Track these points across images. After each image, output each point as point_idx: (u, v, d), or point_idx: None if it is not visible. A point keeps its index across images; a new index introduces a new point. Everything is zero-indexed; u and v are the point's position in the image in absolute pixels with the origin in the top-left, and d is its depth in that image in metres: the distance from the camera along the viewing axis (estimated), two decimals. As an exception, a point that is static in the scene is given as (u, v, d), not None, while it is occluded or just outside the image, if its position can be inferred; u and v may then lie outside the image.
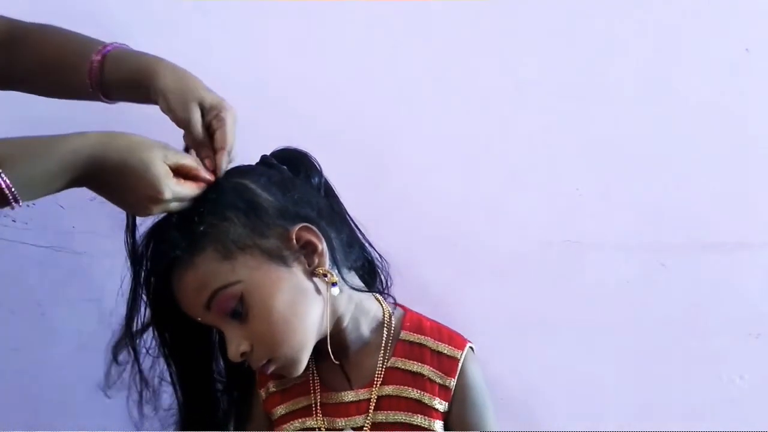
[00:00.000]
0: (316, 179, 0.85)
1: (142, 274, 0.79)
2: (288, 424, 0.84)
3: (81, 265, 1.03)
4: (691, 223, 1.02)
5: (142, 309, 0.80)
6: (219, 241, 0.74)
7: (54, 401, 1.06)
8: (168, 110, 0.77)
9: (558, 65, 1.02)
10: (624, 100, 1.02)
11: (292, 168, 0.84)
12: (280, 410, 0.85)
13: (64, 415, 1.05)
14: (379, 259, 0.89)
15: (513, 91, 1.02)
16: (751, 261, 1.02)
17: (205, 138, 0.77)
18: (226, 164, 0.78)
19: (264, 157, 0.84)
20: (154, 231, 0.78)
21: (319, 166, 0.86)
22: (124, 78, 0.79)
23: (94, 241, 1.01)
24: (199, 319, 0.77)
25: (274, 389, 0.86)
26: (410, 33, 1.02)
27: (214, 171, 0.78)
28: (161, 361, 0.83)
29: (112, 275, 0.82)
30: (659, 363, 1.04)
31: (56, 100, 0.86)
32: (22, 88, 0.85)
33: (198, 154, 0.78)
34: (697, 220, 1.02)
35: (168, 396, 0.85)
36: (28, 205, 1.01)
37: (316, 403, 0.83)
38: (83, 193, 1.02)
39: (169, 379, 0.83)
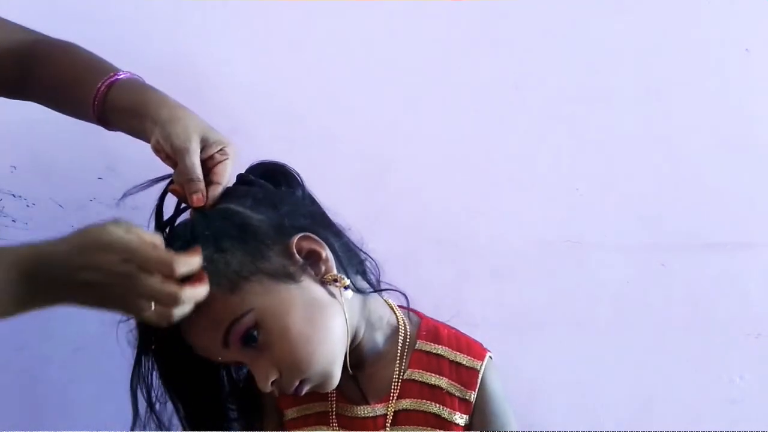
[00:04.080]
0: (299, 190, 0.82)
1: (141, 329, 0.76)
2: (300, 430, 0.82)
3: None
4: (691, 223, 1.02)
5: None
6: (221, 275, 0.70)
7: (54, 401, 1.05)
8: (165, 140, 0.73)
9: (558, 65, 1.02)
10: (624, 100, 1.02)
11: (272, 182, 0.80)
12: (291, 413, 0.83)
13: (64, 415, 1.05)
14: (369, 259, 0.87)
15: (513, 91, 1.02)
16: (751, 261, 1.02)
17: (200, 171, 0.74)
18: (215, 198, 0.75)
19: (241, 176, 0.81)
20: None
21: (299, 175, 0.83)
22: (125, 107, 0.77)
23: (94, 241, 1.01)
24: (220, 359, 0.73)
25: None
26: (410, 33, 1.02)
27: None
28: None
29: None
30: (659, 363, 1.04)
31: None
32: (36, 101, 0.85)
33: (187, 189, 0.74)
34: (697, 220, 1.02)
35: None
36: (28, 205, 1.01)
37: (332, 412, 0.81)
38: (83, 193, 1.03)
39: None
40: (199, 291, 0.66)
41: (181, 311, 0.65)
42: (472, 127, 1.03)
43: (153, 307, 0.63)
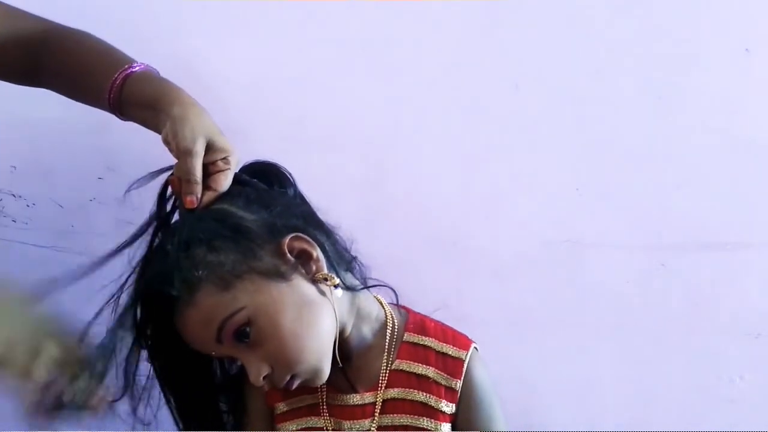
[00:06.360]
0: (291, 189, 0.84)
1: (136, 322, 0.77)
2: (290, 422, 0.84)
3: (81, 265, 1.03)
4: (691, 223, 1.02)
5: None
6: (214, 274, 0.72)
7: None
8: (173, 137, 0.75)
9: (558, 65, 1.02)
10: (624, 100, 1.02)
11: (264, 181, 0.82)
12: (281, 407, 0.85)
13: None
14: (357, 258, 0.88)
15: (513, 91, 1.02)
16: (751, 261, 1.02)
17: (200, 174, 0.75)
18: (207, 204, 0.77)
19: (234, 175, 0.81)
20: (142, 287, 0.76)
21: (291, 175, 0.85)
22: (140, 100, 0.78)
23: (94, 241, 1.01)
24: (214, 353, 0.76)
25: None
26: (410, 33, 1.02)
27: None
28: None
29: (112, 275, 0.81)
30: (659, 363, 1.04)
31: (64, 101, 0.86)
32: (50, 88, 0.86)
33: (183, 189, 0.76)
34: (697, 220, 1.02)
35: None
36: (28, 205, 1.01)
37: (322, 403, 0.83)
38: (83, 193, 1.03)
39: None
40: None
41: None
42: (472, 127, 1.03)
43: None
